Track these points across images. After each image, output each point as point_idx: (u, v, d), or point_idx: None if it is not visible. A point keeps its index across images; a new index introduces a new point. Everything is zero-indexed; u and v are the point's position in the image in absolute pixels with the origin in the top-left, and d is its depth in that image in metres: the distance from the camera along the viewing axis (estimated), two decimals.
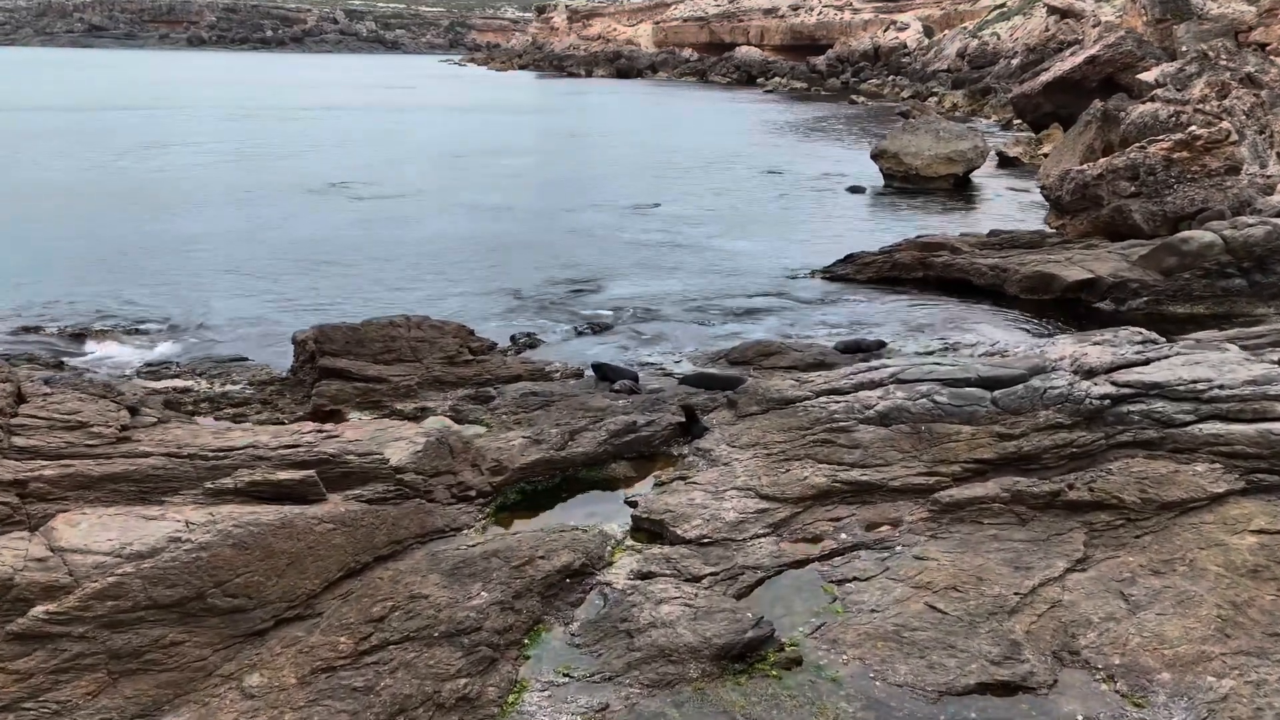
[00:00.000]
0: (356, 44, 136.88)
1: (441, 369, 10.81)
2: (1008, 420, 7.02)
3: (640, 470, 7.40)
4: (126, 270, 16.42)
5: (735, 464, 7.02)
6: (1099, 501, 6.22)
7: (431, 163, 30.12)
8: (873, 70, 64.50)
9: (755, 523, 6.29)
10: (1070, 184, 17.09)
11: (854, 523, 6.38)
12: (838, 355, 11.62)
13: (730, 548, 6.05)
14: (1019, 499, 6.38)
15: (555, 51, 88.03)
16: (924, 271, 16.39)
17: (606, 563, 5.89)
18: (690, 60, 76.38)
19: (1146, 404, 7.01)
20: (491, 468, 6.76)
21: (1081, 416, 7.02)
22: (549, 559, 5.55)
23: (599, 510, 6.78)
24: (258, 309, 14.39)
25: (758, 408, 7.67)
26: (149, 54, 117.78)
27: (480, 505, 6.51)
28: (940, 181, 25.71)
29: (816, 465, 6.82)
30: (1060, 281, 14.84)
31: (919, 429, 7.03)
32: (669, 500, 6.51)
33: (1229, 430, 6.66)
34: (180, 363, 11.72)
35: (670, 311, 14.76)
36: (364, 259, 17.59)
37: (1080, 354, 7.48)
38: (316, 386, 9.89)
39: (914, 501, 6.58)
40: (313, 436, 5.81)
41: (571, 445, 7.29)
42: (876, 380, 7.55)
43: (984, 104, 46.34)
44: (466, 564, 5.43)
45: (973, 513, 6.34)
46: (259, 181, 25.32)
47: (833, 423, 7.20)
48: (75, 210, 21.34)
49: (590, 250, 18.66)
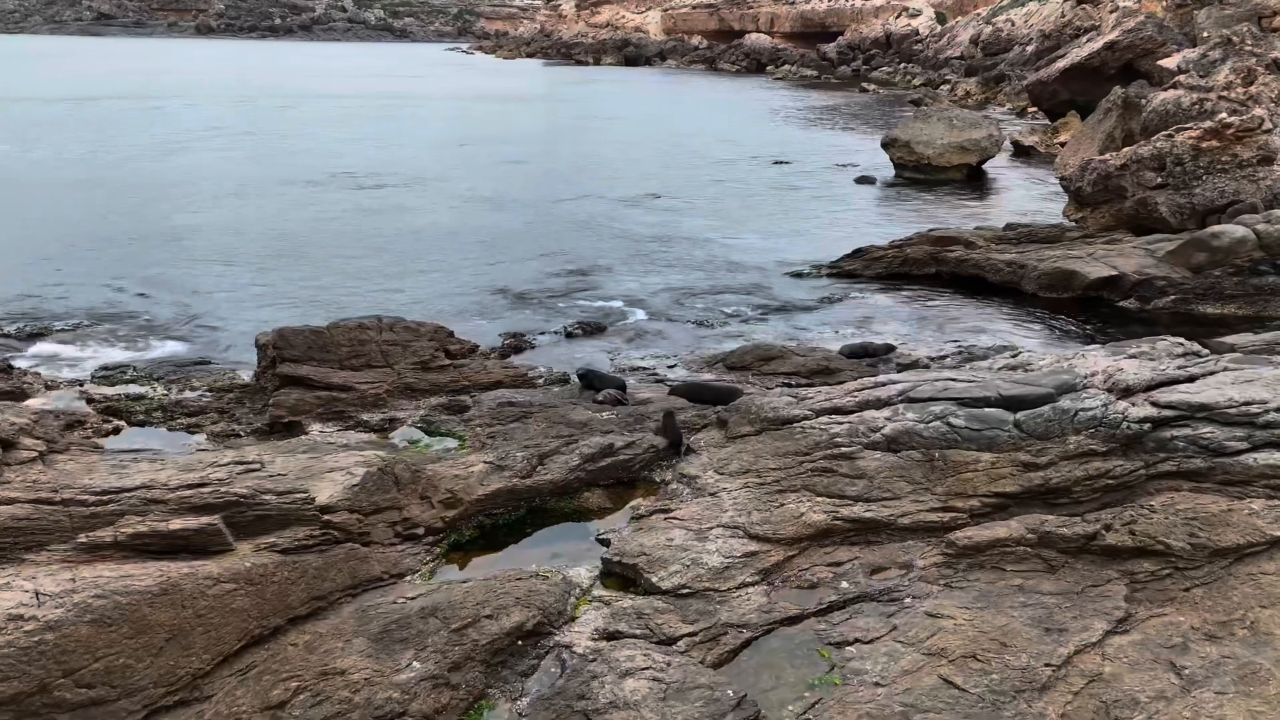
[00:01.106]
0: (365, 32, 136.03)
1: (414, 375, 10.01)
2: (1033, 447, 6.16)
3: (617, 500, 6.58)
4: (106, 263, 15.67)
5: (723, 495, 6.19)
6: (1141, 547, 5.37)
7: (433, 152, 29.31)
8: (884, 58, 63.29)
9: (743, 569, 5.46)
10: (1091, 174, 16.15)
11: (857, 568, 5.55)
12: (842, 360, 10.78)
13: (713, 600, 5.22)
14: (1047, 542, 5.54)
15: (563, 39, 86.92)
16: (936, 267, 15.51)
17: (568, 618, 5.07)
18: (699, 48, 75.17)
19: (1193, 428, 6.15)
20: (445, 500, 5.95)
21: (1118, 443, 6.16)
22: (497, 618, 4.74)
23: (566, 549, 5.97)
24: (236, 305, 13.63)
25: (750, 428, 6.83)
26: (157, 42, 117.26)
27: (429, 545, 5.70)
28: (953, 172, 24.76)
29: (815, 498, 5.98)
30: (1081, 278, 13.95)
31: (932, 456, 6.19)
32: (644, 540, 5.68)
33: None
34: (138, 366, 10.95)
35: (667, 310, 13.94)
36: (358, 251, 16.85)
37: (1115, 369, 6.62)
38: (274, 396, 9.10)
39: (926, 542, 5.75)
40: (226, 471, 5.02)
41: (539, 472, 6.47)
42: (884, 399, 6.70)
43: (997, 92, 45.19)
44: (400, 625, 4.62)
45: (994, 557, 5.50)
46: (257, 172, 24.56)
47: (834, 448, 6.36)
48: (65, 202, 20.60)
49: (588, 243, 17.86)
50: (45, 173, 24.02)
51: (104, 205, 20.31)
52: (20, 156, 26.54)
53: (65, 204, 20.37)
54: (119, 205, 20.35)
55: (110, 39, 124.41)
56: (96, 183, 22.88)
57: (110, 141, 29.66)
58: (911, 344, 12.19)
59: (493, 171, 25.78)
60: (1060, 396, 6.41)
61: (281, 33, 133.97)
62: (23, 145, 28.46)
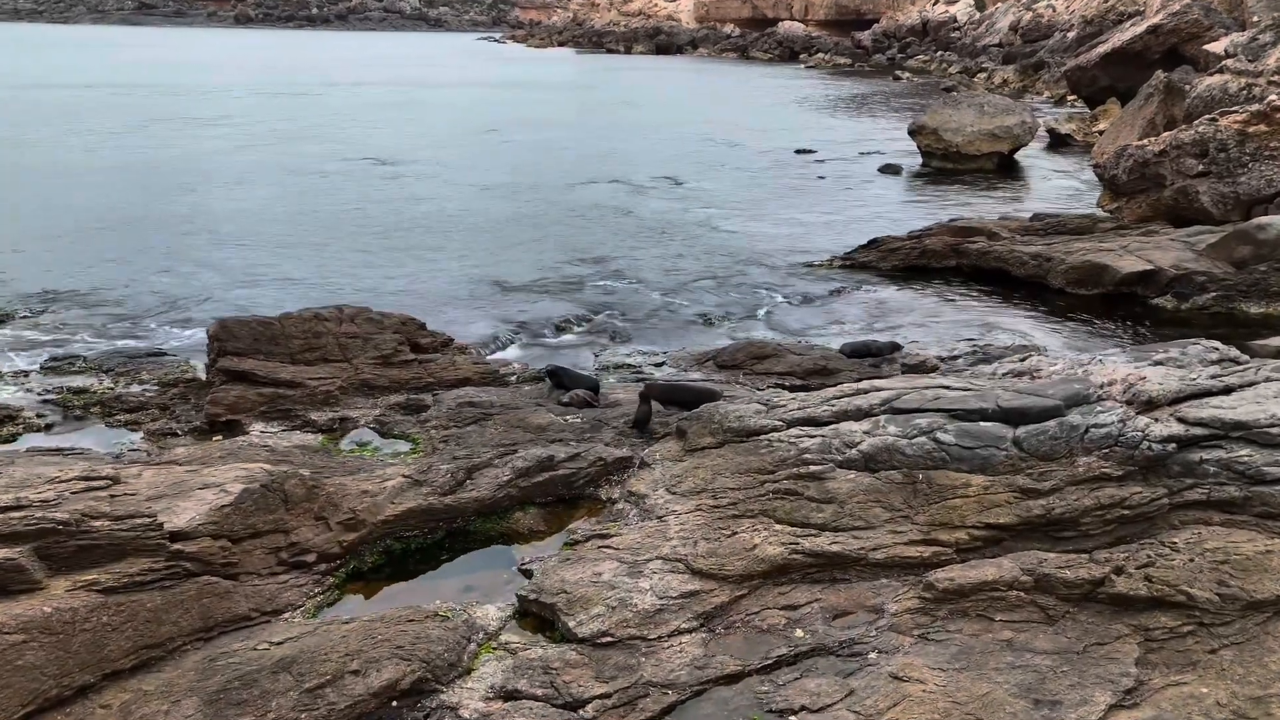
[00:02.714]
0: (400, 21, 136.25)
1: (373, 371, 9.25)
2: (1035, 469, 5.24)
3: (555, 521, 5.76)
4: (104, 247, 15.16)
5: (670, 520, 5.33)
6: (1158, 597, 4.44)
7: (455, 139, 28.64)
8: (920, 46, 61.69)
9: (679, 612, 4.61)
10: (1128, 161, 15.01)
11: (816, 612, 4.68)
12: (842, 359, 9.86)
13: (638, 651, 4.38)
14: (1045, 586, 4.63)
15: (595, 28, 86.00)
16: (957, 260, 14.49)
17: (462, 670, 4.25)
18: (731, 36, 73.87)
19: (1226, 450, 5.19)
20: (345, 521, 5.15)
21: (1136, 466, 5.22)
22: (365, 674, 3.94)
23: (482, 580, 5.16)
24: (222, 291, 13.03)
25: (711, 439, 5.96)
26: (196, 31, 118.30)
27: (321, 575, 4.91)
28: (983, 160, 23.61)
29: (773, 527, 5.10)
30: (1113, 273, 12.87)
31: (914, 478, 5.29)
32: (568, 574, 4.85)
33: None
34: (89, 357, 10.31)
35: (666, 302, 13.10)
36: (360, 238, 16.23)
37: (1136, 378, 5.66)
38: (211, 392, 8.39)
39: (902, 582, 4.86)
40: (57, 491, 4.25)
41: (465, 487, 5.66)
42: (865, 408, 5.80)
43: (1036, 79, 43.65)
44: (244, 682, 3.83)
45: (980, 604, 4.60)
46: (278, 159, 24.01)
47: (802, 465, 5.48)
48: (78, 187, 20.11)
49: (596, 232, 17.08)
50: (58, 159, 23.65)
51: (115, 191, 19.84)
52: (34, 143, 26.25)
53: (77, 189, 19.92)
54: (123, 190, 19.88)
55: (150, 28, 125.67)
56: (111, 169, 22.46)
57: (125, 129, 29.29)
58: (921, 342, 11.23)
59: (511, 159, 25.06)
60: (1069, 410, 5.47)
61: (318, 22, 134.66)
62: (36, 132, 28.21)
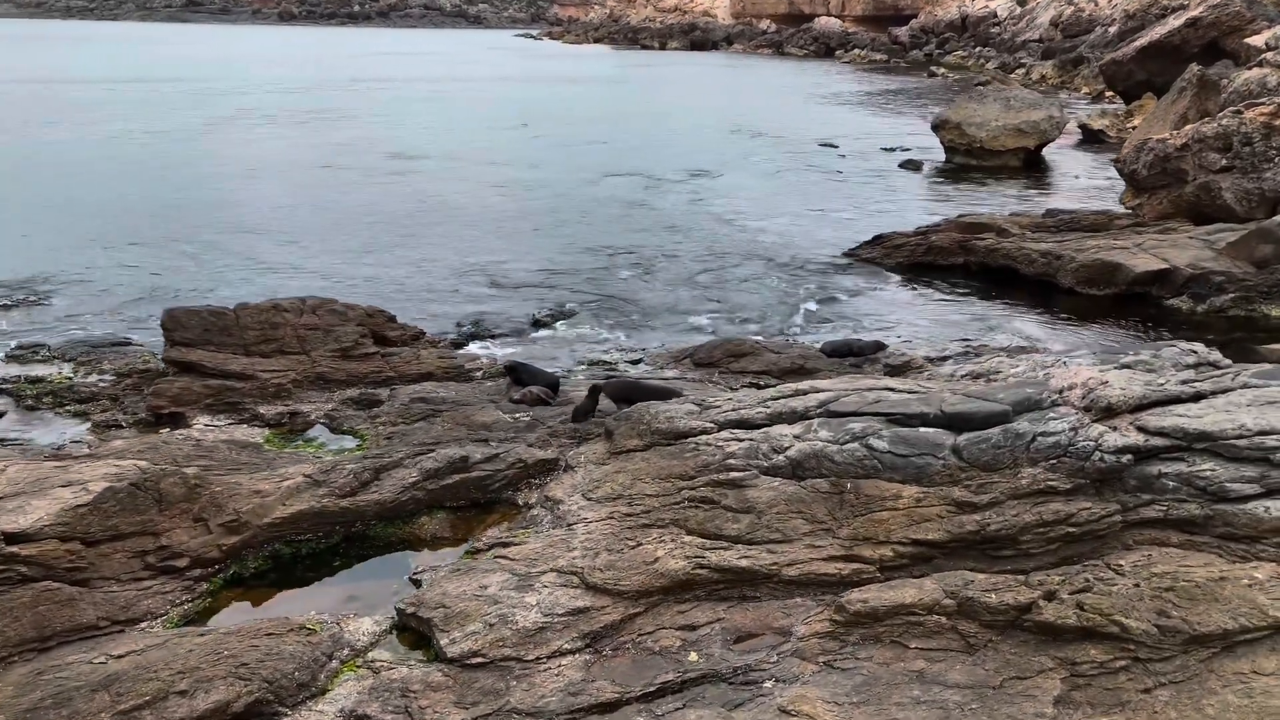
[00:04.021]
0: (440, 19, 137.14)
1: (331, 364, 8.97)
2: (975, 480, 4.78)
3: (463, 527, 5.40)
4: (104, 236, 15.12)
5: (579, 528, 4.95)
6: (1089, 627, 3.97)
7: (482, 135, 28.41)
8: (959, 41, 60.50)
9: (564, 631, 4.23)
10: (1148, 156, 14.32)
11: (715, 634, 4.27)
12: (821, 358, 9.41)
13: (510, 674, 4.00)
14: (968, 611, 4.17)
15: (631, 24, 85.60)
16: (964, 257, 13.92)
17: (315, 691, 3.91)
18: (767, 32, 73.04)
19: (1188, 463, 4.69)
20: (227, 523, 4.84)
21: (1087, 479, 4.73)
22: (192, 695, 3.61)
23: (368, 590, 4.82)
24: (216, 280, 12.98)
25: (639, 441, 5.56)
26: (241, 28, 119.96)
27: (193, 581, 4.60)
28: (1008, 156, 22.86)
29: (682, 539, 4.70)
30: (1126, 272, 12.24)
31: (842, 487, 4.85)
32: (452, 586, 4.49)
33: None
34: (53, 345, 10.16)
35: (658, 298, 12.72)
36: (372, 230, 16.08)
37: (1097, 383, 5.16)
38: (155, 383, 8.16)
39: (817, 601, 4.43)
40: None
41: (369, 489, 5.32)
42: (801, 410, 5.36)
43: (1075, 75, 42.50)
44: (58, 701, 3.52)
45: (895, 628, 4.16)
46: (303, 153, 23.93)
47: (725, 471, 5.06)
48: (101, 178, 20.20)
49: (607, 225, 16.78)
50: (84, 153, 23.80)
51: (133, 183, 19.90)
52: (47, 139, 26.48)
53: (93, 180, 20.00)
54: (141, 182, 19.93)
55: (196, 25, 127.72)
56: (136, 161, 22.58)
57: (156, 121, 29.48)
58: (913, 341, 10.73)
59: (535, 153, 24.80)
60: (1018, 416, 4.99)
61: (360, 19, 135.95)
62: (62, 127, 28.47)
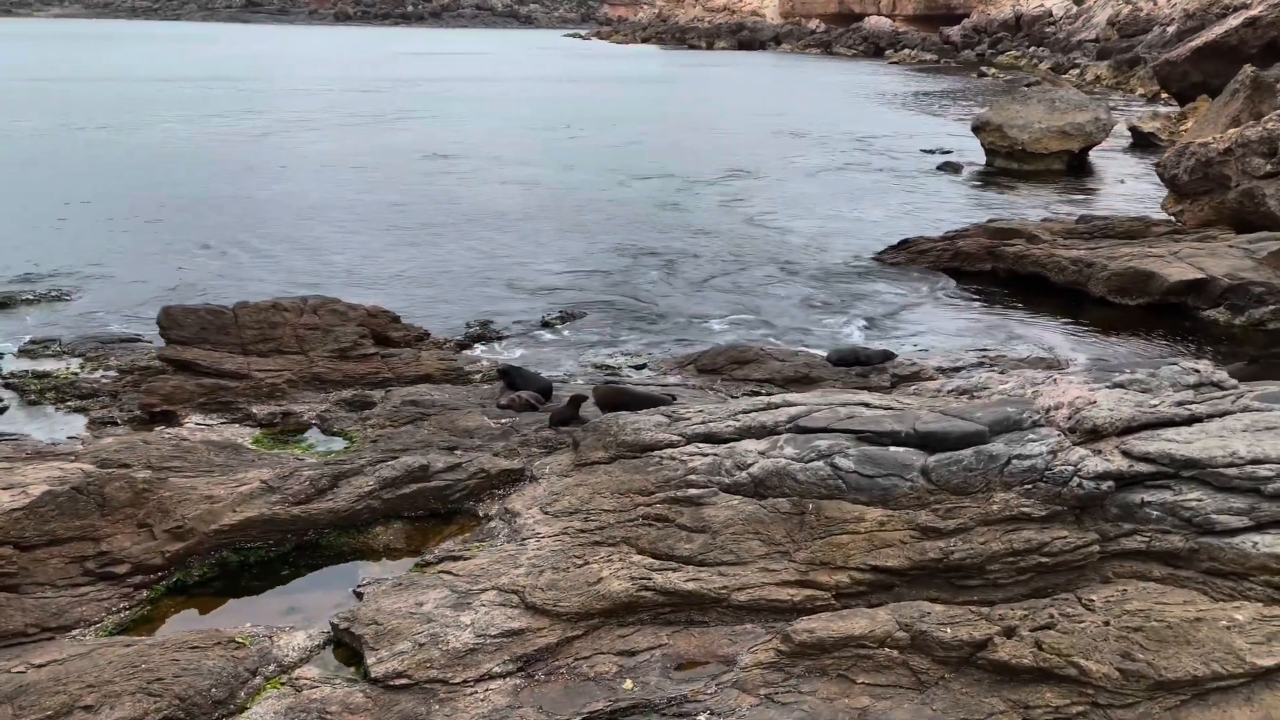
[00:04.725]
0: (491, 19, 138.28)
1: (328, 364, 8.92)
2: (943, 504, 4.52)
3: (419, 537, 5.26)
4: (132, 233, 15.34)
5: (530, 544, 4.78)
6: (1046, 669, 3.70)
7: (523, 135, 28.45)
8: (1012, 41, 59.31)
9: (496, 653, 4.06)
10: (1189, 161, 13.76)
11: (655, 661, 4.07)
12: (826, 367, 9.13)
13: (433, 698, 3.85)
14: (922, 645, 3.93)
15: (679, 24, 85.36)
16: (992, 263, 13.49)
17: (233, 709, 3.79)
18: (815, 32, 72.31)
19: (1174, 491, 4.38)
20: (173, 530, 4.75)
21: (1065, 505, 4.45)
22: (99, 710, 3.51)
23: (310, 603, 4.70)
24: (240, 276, 13.06)
25: (604, 453, 5.38)
26: (298, 28, 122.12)
27: (134, 588, 4.52)
28: (1051, 159, 22.21)
29: (631, 557, 4.51)
30: (1159, 281, 11.75)
31: (803, 508, 4.62)
32: (388, 602, 4.35)
33: None
34: (65, 340, 10.26)
35: (674, 300, 12.51)
36: (399, 229, 16.11)
37: (1085, 402, 4.86)
38: (147, 381, 8.16)
39: (767, 628, 4.22)
40: None
41: (324, 496, 5.20)
42: (770, 425, 5.14)
43: (1130, 76, 41.34)
44: None
45: (844, 661, 3.93)
46: (344, 152, 24.12)
47: (685, 487, 4.86)
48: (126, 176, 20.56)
49: (632, 226, 16.64)
50: (127, 149, 24.24)
51: (175, 179, 20.21)
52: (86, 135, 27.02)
53: (138, 176, 20.35)
54: (180, 179, 20.19)
55: (255, 25, 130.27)
56: (178, 157, 22.96)
57: (202, 119, 29.99)
58: (930, 351, 10.39)
59: (572, 154, 24.72)
60: (995, 437, 4.72)
61: (413, 19, 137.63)
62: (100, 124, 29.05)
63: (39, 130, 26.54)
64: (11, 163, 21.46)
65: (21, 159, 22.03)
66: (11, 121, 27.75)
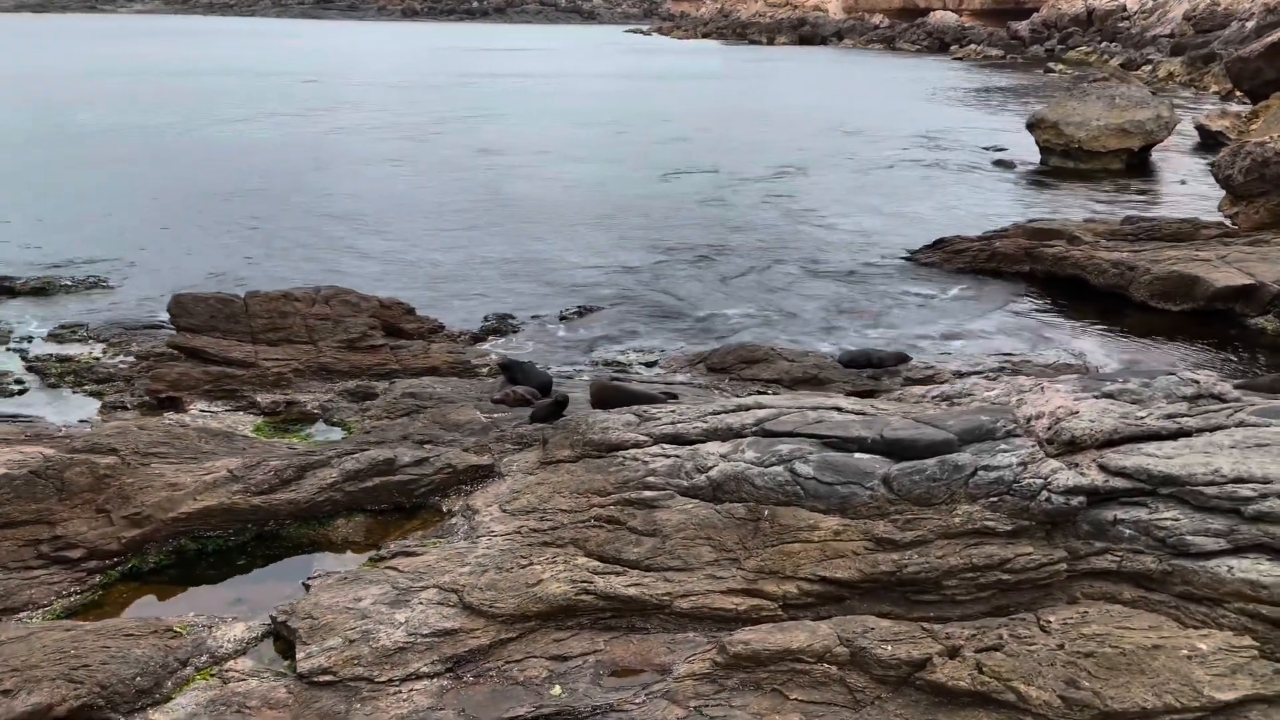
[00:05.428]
0: (555, 14, 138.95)
1: (335, 355, 8.98)
2: (904, 515, 4.32)
3: (379, 531, 5.22)
4: (177, 221, 15.70)
5: (482, 542, 4.70)
6: (984, 693, 3.49)
7: (572, 130, 28.43)
8: (1083, 36, 57.59)
9: (425, 653, 3.98)
10: (1244, 161, 13.14)
11: (586, 667, 3.96)
12: (836, 369, 8.90)
13: (355, 697, 3.79)
14: (861, 662, 3.75)
15: (740, 19, 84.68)
16: (1031, 264, 13.07)
17: (158, 699, 3.78)
18: (878, 27, 71.10)
19: (1149, 509, 4.12)
20: (131, 516, 4.78)
21: (1033, 521, 4.22)
22: (16, 695, 3.51)
23: (259, 594, 4.68)
24: (264, 268, 13.29)
25: (570, 451, 5.28)
26: (367, 24, 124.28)
27: (87, 573, 4.55)
28: (1109, 158, 21.47)
29: (576, 559, 4.40)
30: (1205, 286, 11.24)
31: (759, 514, 4.46)
32: (327, 596, 4.30)
33: None
34: (91, 325, 10.51)
35: (698, 297, 12.37)
36: (440, 220, 16.32)
37: (1067, 412, 4.61)
38: (154, 368, 8.29)
39: (709, 637, 4.07)
40: None
41: (288, 487, 5.19)
42: (736, 427, 4.98)
43: (1205, 73, 39.80)
44: None
45: (779, 675, 3.77)
46: (395, 147, 24.36)
47: (641, 489, 4.73)
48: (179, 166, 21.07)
49: (668, 222, 16.57)
50: (184, 140, 24.84)
51: (224, 169, 20.64)
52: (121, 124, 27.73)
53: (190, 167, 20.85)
54: (228, 169, 20.63)
55: (326, 21, 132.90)
56: (233, 147, 23.46)
57: (259, 111, 30.61)
58: (953, 354, 10.08)
59: (616, 149, 24.66)
60: (965, 445, 4.50)
61: (478, 15, 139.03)
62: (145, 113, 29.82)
63: (166, 124, 27.07)
64: (107, 159, 21.84)
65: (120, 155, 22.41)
66: (143, 116, 28.39)
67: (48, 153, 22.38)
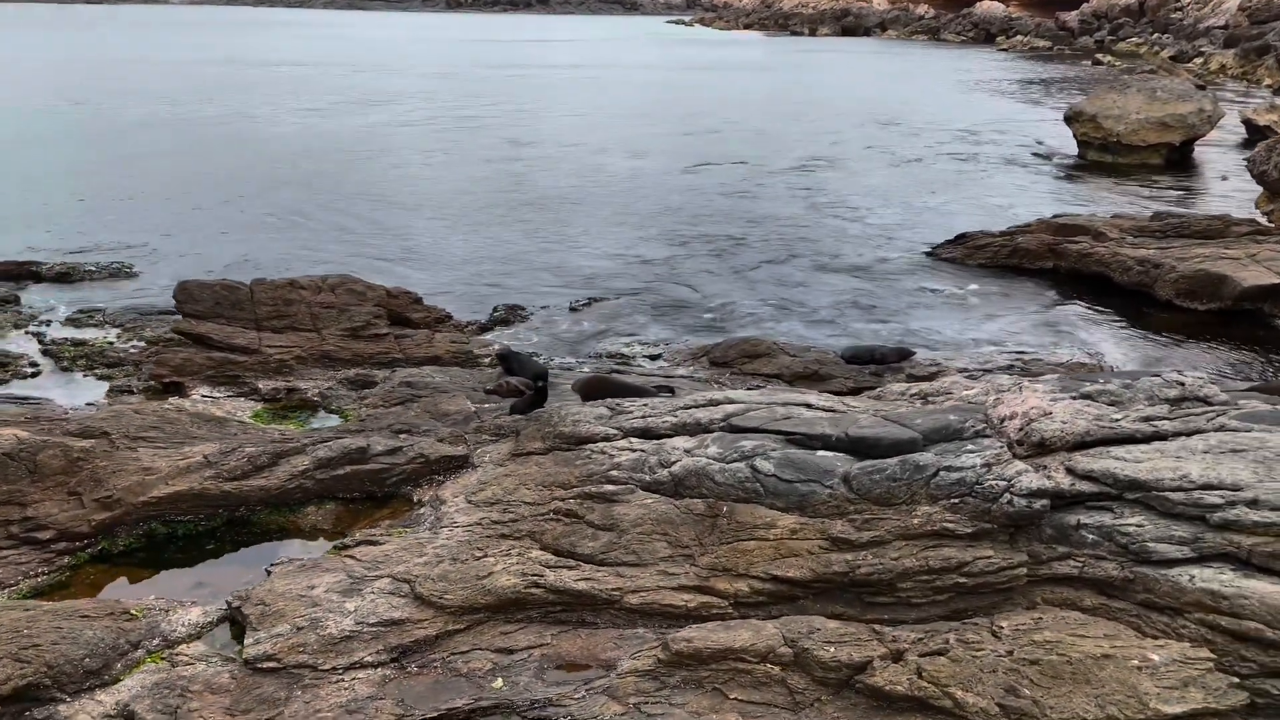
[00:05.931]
0: (598, 5, 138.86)
1: (338, 343, 9.03)
2: (862, 514, 4.23)
3: (348, 519, 5.24)
4: (209, 208, 15.95)
5: (443, 533, 4.70)
6: (921, 699, 3.41)
7: (605, 122, 28.44)
8: (1134, 27, 56.27)
9: (371, 642, 3.99)
10: (1279, 156, 12.73)
11: (533, 660, 3.94)
12: (838, 364, 8.78)
13: (299, 683, 3.80)
14: (804, 664, 3.68)
15: (782, 10, 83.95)
16: (1053, 261, 12.79)
17: (107, 680, 3.83)
18: (924, 17, 70.06)
19: (1114, 514, 4.00)
20: (102, 499, 4.84)
21: (994, 523, 4.11)
22: None
23: (221, 578, 4.72)
24: (288, 255, 13.46)
25: (541, 444, 5.26)
26: (412, 15, 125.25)
27: (56, 554, 4.62)
28: (1148, 153, 20.94)
29: (530, 552, 4.37)
30: (1232, 285, 10.93)
31: (717, 510, 4.40)
32: (281, 584, 4.33)
33: (1244, 588, 3.59)
34: (108, 310, 10.69)
35: (713, 290, 12.30)
36: (463, 211, 16.45)
37: (1039, 413, 4.49)
38: (159, 353, 8.41)
39: (659, 634, 4.03)
40: None
41: (261, 473, 5.23)
42: (705, 422, 4.92)
43: (1257, 66, 38.68)
44: None
45: (721, 674, 3.71)
46: (429, 139, 24.50)
47: (603, 483, 4.69)
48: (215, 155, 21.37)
49: (692, 214, 16.55)
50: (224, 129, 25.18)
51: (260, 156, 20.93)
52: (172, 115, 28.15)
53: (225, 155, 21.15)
54: (264, 157, 20.91)
55: (372, 12, 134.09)
56: (269, 138, 23.74)
57: (298, 102, 30.93)
58: (960, 350, 9.89)
59: (647, 141, 24.62)
60: (929, 445, 4.40)
61: (521, 6, 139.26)
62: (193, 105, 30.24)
63: (216, 117, 27.44)
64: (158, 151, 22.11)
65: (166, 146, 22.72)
66: (195, 108, 28.85)
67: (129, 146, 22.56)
